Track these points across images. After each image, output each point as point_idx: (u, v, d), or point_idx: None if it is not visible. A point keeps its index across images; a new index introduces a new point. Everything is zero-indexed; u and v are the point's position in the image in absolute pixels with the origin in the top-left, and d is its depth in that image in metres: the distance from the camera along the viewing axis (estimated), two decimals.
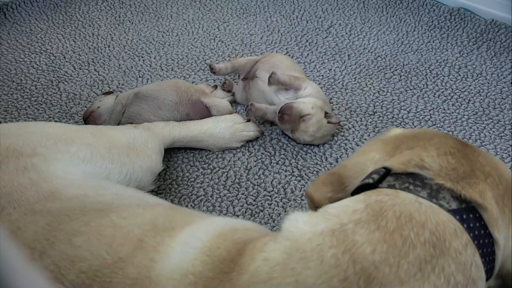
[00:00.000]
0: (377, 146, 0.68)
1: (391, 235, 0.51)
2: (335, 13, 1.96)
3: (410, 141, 0.65)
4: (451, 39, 1.78)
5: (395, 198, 0.55)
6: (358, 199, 0.57)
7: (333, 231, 0.53)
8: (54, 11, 1.97)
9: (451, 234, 0.52)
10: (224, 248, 0.58)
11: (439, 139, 0.64)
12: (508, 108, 1.46)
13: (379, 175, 0.60)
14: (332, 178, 0.68)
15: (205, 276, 0.55)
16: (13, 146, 0.83)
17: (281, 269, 0.51)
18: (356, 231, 0.52)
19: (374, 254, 0.50)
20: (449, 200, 0.55)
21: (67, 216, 0.68)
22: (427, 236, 0.51)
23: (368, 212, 0.54)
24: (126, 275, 0.58)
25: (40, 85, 1.56)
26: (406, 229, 0.52)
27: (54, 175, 0.80)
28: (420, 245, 0.51)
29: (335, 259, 0.50)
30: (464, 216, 0.54)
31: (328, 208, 0.58)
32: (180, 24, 1.91)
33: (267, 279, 0.51)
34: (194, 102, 1.29)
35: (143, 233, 0.63)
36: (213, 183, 1.21)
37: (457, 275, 0.50)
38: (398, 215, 0.53)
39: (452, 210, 0.54)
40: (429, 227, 0.52)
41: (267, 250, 0.54)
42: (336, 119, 1.29)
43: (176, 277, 0.56)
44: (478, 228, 0.54)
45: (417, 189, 0.56)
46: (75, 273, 0.59)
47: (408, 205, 0.54)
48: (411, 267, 0.49)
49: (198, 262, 0.57)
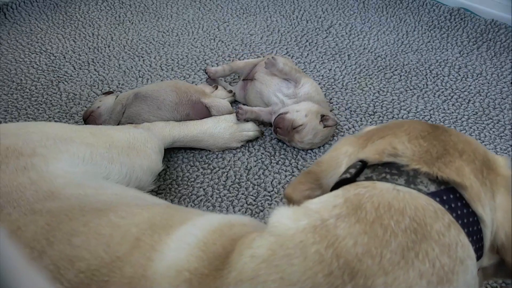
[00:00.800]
0: (350, 140, 0.68)
1: (371, 226, 0.51)
2: (335, 13, 1.96)
3: (381, 131, 0.66)
4: (451, 39, 1.78)
5: (373, 189, 0.55)
6: (337, 194, 0.57)
7: (315, 227, 0.53)
8: (54, 11, 1.97)
9: (431, 217, 0.52)
10: (220, 244, 0.58)
11: (408, 125, 0.65)
12: (508, 108, 1.46)
13: (356, 168, 0.60)
14: (308, 177, 0.68)
15: (200, 272, 0.55)
16: (13, 146, 0.83)
17: (266, 266, 0.51)
18: (338, 225, 0.52)
19: (356, 247, 0.50)
20: (427, 184, 0.55)
21: (66, 216, 0.68)
22: (407, 223, 0.51)
23: (348, 206, 0.54)
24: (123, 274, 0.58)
25: (40, 85, 1.56)
26: (385, 218, 0.52)
27: (54, 174, 0.80)
28: (401, 232, 0.50)
29: (318, 255, 0.50)
30: (444, 197, 0.54)
31: (309, 204, 0.58)
32: (180, 24, 1.91)
33: (253, 276, 0.51)
34: (194, 103, 1.29)
35: (141, 232, 0.63)
36: (213, 183, 1.21)
37: (442, 258, 0.50)
38: (377, 206, 0.53)
39: (431, 193, 0.54)
40: (408, 213, 0.52)
41: (254, 246, 0.54)
42: (333, 121, 1.28)
43: (171, 274, 0.56)
44: (460, 207, 0.54)
45: (394, 177, 0.57)
46: (73, 273, 0.59)
47: (386, 194, 0.54)
48: (394, 255, 0.49)
49: (193, 258, 0.57)
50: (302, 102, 1.29)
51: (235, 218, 0.68)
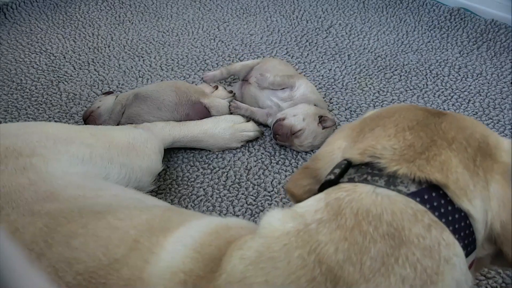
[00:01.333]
0: (344, 133, 0.67)
1: (351, 232, 0.51)
2: (335, 13, 1.96)
3: (373, 122, 0.64)
4: (451, 39, 1.78)
5: (352, 193, 0.54)
6: (320, 198, 0.57)
7: (298, 231, 0.53)
8: (54, 11, 1.97)
9: (409, 220, 0.51)
10: (215, 246, 0.58)
11: (399, 114, 0.63)
12: (508, 108, 1.46)
13: (340, 169, 0.59)
14: (306, 172, 0.68)
15: (195, 274, 0.55)
16: (12, 146, 0.83)
17: (253, 268, 0.51)
18: (319, 230, 0.52)
19: (337, 253, 0.50)
20: (407, 184, 0.54)
21: (65, 218, 0.68)
22: (385, 228, 0.50)
23: (328, 210, 0.54)
24: (120, 276, 0.58)
25: (40, 85, 1.56)
26: (364, 224, 0.51)
27: (53, 175, 0.80)
28: (379, 238, 0.50)
29: (301, 259, 0.50)
30: (425, 197, 0.53)
31: (297, 207, 0.57)
32: (180, 24, 1.91)
33: (241, 278, 0.51)
34: (194, 103, 1.29)
35: (139, 234, 0.63)
36: (213, 183, 1.21)
37: (424, 260, 0.49)
38: (356, 211, 0.52)
39: (412, 193, 0.53)
40: (385, 218, 0.51)
41: (244, 247, 0.54)
42: (331, 122, 1.27)
43: (166, 276, 0.56)
44: (443, 204, 0.53)
45: (374, 178, 0.55)
46: (72, 275, 0.59)
47: (365, 199, 0.53)
48: (374, 262, 0.49)
49: (189, 259, 0.57)
50: (299, 105, 1.28)
51: (233, 221, 0.68)
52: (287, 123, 1.23)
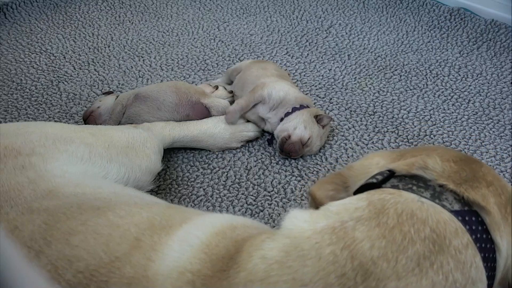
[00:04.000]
0: (383, 153, 0.69)
1: (391, 231, 0.51)
2: (335, 13, 1.96)
3: (415, 151, 0.66)
4: (451, 39, 1.78)
5: (398, 197, 0.55)
6: (361, 197, 0.57)
7: (333, 229, 0.53)
8: (54, 11, 1.97)
9: (451, 232, 0.52)
10: (223, 246, 0.58)
11: (442, 150, 0.65)
12: (508, 108, 1.46)
13: (383, 176, 0.60)
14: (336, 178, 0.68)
15: (203, 274, 0.55)
16: (11, 146, 0.83)
17: (279, 267, 0.51)
18: (357, 228, 0.52)
19: (372, 250, 0.50)
20: (451, 202, 0.55)
21: (64, 214, 0.68)
22: (427, 233, 0.51)
23: (370, 209, 0.54)
24: (122, 274, 0.58)
25: (40, 85, 1.56)
26: (406, 225, 0.52)
27: (52, 174, 0.80)
28: (419, 241, 0.50)
29: (333, 255, 0.50)
30: (466, 218, 0.54)
31: (330, 206, 0.58)
32: (180, 24, 1.91)
33: (264, 277, 0.51)
34: (194, 103, 1.29)
35: (140, 232, 0.63)
36: (213, 183, 1.21)
37: (456, 273, 0.50)
38: (400, 212, 0.53)
39: (455, 211, 0.54)
40: (430, 224, 0.52)
41: (265, 247, 0.54)
42: (328, 119, 1.27)
43: (173, 276, 0.56)
44: (480, 231, 0.54)
45: (420, 189, 0.57)
46: (72, 273, 0.59)
47: (411, 203, 0.54)
48: (409, 262, 0.49)
49: (196, 260, 0.57)
50: (292, 116, 1.25)
51: (237, 219, 0.68)
52: (296, 139, 1.22)
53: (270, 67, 1.44)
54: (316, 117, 1.26)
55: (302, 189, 1.20)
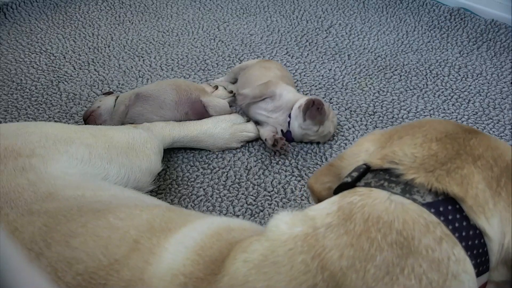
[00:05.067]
0: (374, 136, 0.66)
1: (358, 238, 0.50)
2: (335, 13, 1.96)
3: (403, 130, 0.63)
4: (451, 39, 1.78)
5: (366, 198, 0.53)
6: (334, 201, 0.56)
7: (306, 235, 0.52)
8: (54, 11, 1.97)
9: (420, 231, 0.50)
10: (217, 248, 0.58)
11: (430, 125, 0.62)
12: (508, 108, 1.46)
13: (358, 172, 0.58)
14: (329, 169, 0.67)
15: (195, 276, 0.55)
16: (11, 147, 0.83)
17: (256, 272, 0.50)
18: (326, 235, 0.51)
19: (341, 260, 0.49)
20: (423, 194, 0.53)
21: (64, 216, 0.68)
22: (394, 237, 0.49)
23: (339, 215, 0.53)
24: (120, 277, 0.58)
25: (40, 85, 1.56)
26: (373, 231, 0.50)
27: (52, 176, 0.80)
28: (387, 246, 0.49)
29: (304, 265, 0.49)
30: (440, 209, 0.51)
31: (309, 210, 0.57)
32: (180, 24, 1.91)
33: (243, 282, 0.50)
34: (193, 101, 1.29)
35: (139, 234, 0.63)
36: (213, 183, 1.21)
37: (430, 273, 0.48)
38: (366, 217, 0.51)
39: (427, 204, 0.52)
40: (396, 226, 0.50)
41: (249, 250, 0.53)
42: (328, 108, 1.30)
43: (167, 278, 0.55)
44: (459, 219, 0.51)
45: (391, 185, 0.54)
46: (71, 275, 0.59)
47: (378, 205, 0.52)
48: (378, 271, 0.48)
49: (189, 262, 0.56)
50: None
51: (235, 222, 0.67)
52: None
53: (273, 67, 1.44)
54: None
55: (302, 189, 1.20)
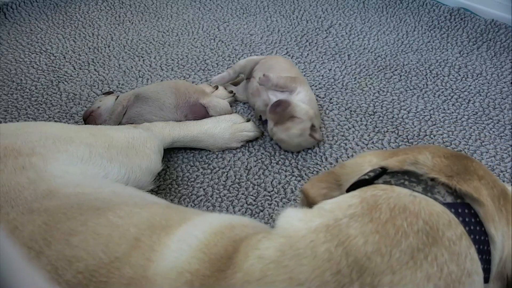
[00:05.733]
0: (376, 152, 0.70)
1: (384, 225, 0.52)
2: (335, 13, 1.96)
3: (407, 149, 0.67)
4: (451, 39, 1.78)
5: (390, 192, 0.56)
6: (354, 195, 0.58)
7: (327, 227, 0.53)
8: (54, 11, 1.97)
9: (444, 224, 0.52)
10: (221, 246, 0.58)
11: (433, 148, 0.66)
12: (508, 108, 1.46)
13: (375, 173, 0.61)
14: (329, 176, 0.69)
15: (201, 274, 0.55)
16: (11, 146, 0.83)
17: (275, 266, 0.51)
18: (350, 224, 0.52)
19: (366, 245, 0.50)
20: (444, 195, 0.56)
21: (64, 214, 0.68)
22: (420, 225, 0.51)
23: (363, 206, 0.55)
24: (122, 275, 0.58)
25: (40, 85, 1.56)
26: (399, 219, 0.52)
27: (52, 174, 0.80)
28: (413, 233, 0.51)
29: (328, 253, 0.50)
30: (459, 210, 0.54)
31: (324, 205, 0.58)
32: (180, 24, 1.91)
33: (260, 277, 0.51)
34: (192, 104, 1.29)
35: (140, 232, 0.63)
36: (213, 183, 1.21)
37: (451, 265, 0.50)
38: (392, 207, 0.53)
39: (447, 204, 0.55)
40: (423, 216, 0.52)
41: (261, 247, 0.54)
42: (319, 137, 1.27)
43: (172, 276, 0.56)
44: (473, 223, 0.54)
45: (412, 184, 0.57)
46: (71, 274, 0.59)
47: (403, 197, 0.55)
48: (403, 255, 0.49)
49: (195, 260, 0.57)
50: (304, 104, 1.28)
51: (235, 219, 0.67)
52: (294, 105, 1.23)
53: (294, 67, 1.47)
54: (313, 126, 1.26)
55: None
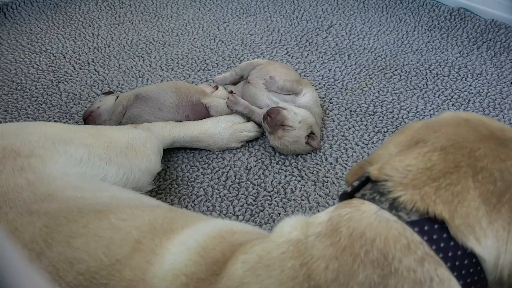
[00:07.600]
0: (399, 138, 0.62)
1: (343, 252, 0.50)
2: (335, 13, 1.96)
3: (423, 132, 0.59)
4: (451, 39, 1.78)
5: (355, 211, 0.53)
6: (328, 211, 0.56)
7: (297, 242, 0.53)
8: (54, 11, 1.97)
9: (401, 250, 0.48)
10: (219, 250, 0.58)
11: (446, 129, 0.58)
12: (508, 108, 1.46)
13: (360, 182, 0.57)
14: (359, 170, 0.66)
15: (197, 277, 0.55)
16: (10, 147, 0.83)
17: (250, 274, 0.51)
18: (314, 244, 0.51)
19: (327, 272, 0.49)
20: (409, 211, 0.51)
21: (64, 217, 0.68)
22: (375, 255, 0.49)
23: (328, 225, 0.53)
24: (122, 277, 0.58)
25: (40, 85, 1.56)
26: (356, 247, 0.50)
27: (51, 176, 0.79)
28: (369, 264, 0.48)
29: (293, 271, 0.50)
30: (425, 228, 0.49)
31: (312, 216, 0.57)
32: (180, 24, 1.91)
33: (239, 283, 0.51)
34: (194, 104, 1.29)
35: (141, 235, 0.63)
36: (213, 183, 1.21)
37: None
38: (351, 232, 0.51)
39: (411, 222, 0.50)
40: (377, 244, 0.49)
41: (249, 251, 0.54)
42: (317, 144, 1.26)
43: (168, 279, 0.56)
44: (444, 239, 0.49)
45: (381, 199, 0.53)
46: (73, 275, 0.59)
47: (364, 219, 0.52)
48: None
49: (191, 262, 0.57)
50: (303, 109, 1.27)
51: (238, 225, 0.68)
52: (285, 114, 1.23)
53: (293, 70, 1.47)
54: (311, 132, 1.26)
55: (302, 189, 1.20)
